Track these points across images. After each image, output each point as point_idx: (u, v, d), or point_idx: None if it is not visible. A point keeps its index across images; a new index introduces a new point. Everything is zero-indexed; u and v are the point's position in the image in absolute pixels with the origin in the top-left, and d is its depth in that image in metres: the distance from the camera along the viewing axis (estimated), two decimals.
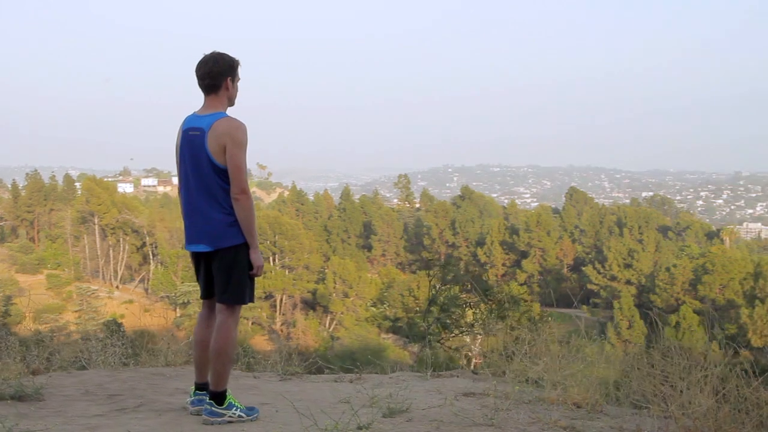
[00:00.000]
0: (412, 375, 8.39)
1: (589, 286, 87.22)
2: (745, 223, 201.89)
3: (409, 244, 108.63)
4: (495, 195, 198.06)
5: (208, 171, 5.68)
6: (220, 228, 5.72)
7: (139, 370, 8.14)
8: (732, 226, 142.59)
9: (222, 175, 5.68)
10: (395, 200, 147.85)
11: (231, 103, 5.94)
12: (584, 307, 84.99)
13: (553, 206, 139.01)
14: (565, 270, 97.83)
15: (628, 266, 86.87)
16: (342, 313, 79.10)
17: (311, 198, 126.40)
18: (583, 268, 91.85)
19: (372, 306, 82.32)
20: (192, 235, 5.86)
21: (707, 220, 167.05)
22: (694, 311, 62.92)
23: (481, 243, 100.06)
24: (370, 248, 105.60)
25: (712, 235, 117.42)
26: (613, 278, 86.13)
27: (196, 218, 5.80)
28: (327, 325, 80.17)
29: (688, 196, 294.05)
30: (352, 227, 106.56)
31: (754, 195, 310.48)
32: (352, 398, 6.71)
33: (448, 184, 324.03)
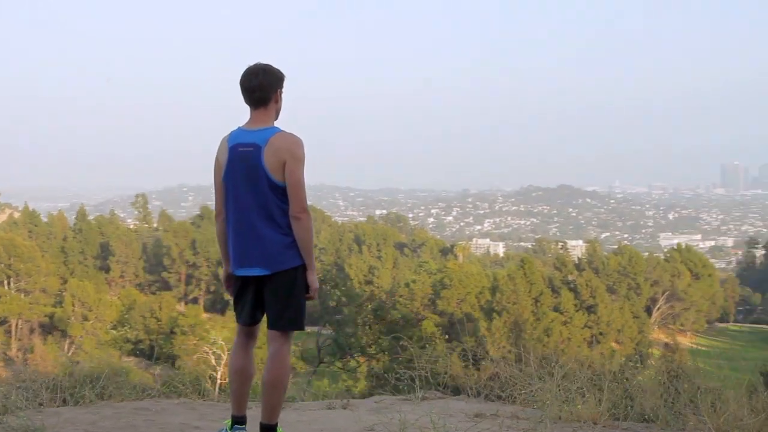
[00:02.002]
0: (396, 399, 8.15)
1: (331, 303, 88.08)
2: (474, 239, 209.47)
3: (149, 264, 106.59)
4: None
5: (264, 189, 5.39)
6: (277, 250, 5.42)
7: (116, 406, 7.55)
8: (464, 242, 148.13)
9: (278, 193, 5.41)
10: (129, 220, 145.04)
11: (276, 116, 5.67)
12: (327, 324, 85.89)
13: None
14: None
15: (369, 283, 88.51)
16: (82, 336, 76.65)
17: (44, 219, 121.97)
18: (324, 286, 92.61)
19: (112, 329, 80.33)
20: (244, 257, 5.52)
21: (439, 237, 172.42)
22: (435, 325, 64.63)
23: (221, 263, 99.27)
24: (108, 269, 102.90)
25: (446, 251, 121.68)
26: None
27: (249, 240, 5.47)
28: (66, 349, 77.55)
29: (420, 213, 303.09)
30: (89, 248, 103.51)
31: (482, 212, 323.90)
32: (377, 426, 6.52)
33: (183, 204, 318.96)
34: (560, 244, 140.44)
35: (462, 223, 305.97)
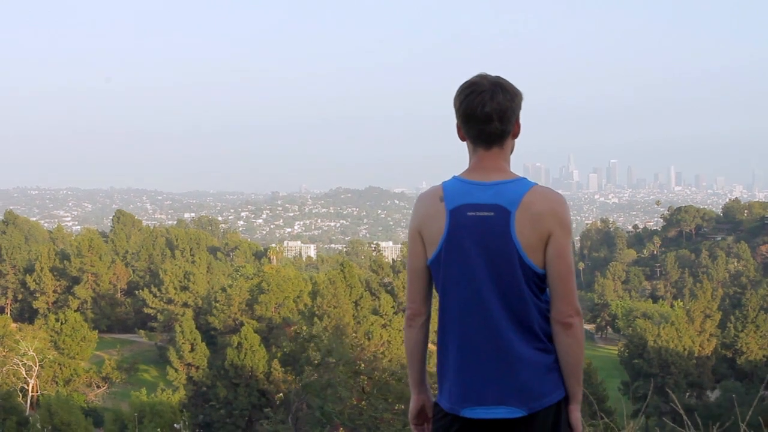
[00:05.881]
0: None
1: (145, 310, 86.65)
2: (285, 242, 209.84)
3: None
4: (34, 219, 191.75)
5: (516, 278, 3.44)
6: (538, 376, 3.48)
7: None
8: (277, 245, 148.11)
9: (534, 284, 3.48)
10: None
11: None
12: (141, 331, 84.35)
13: (98, 229, 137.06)
14: (119, 295, 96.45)
15: (184, 288, 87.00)
16: None
17: None
18: (139, 292, 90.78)
19: None
20: (482, 390, 3.50)
21: (250, 240, 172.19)
22: (255, 331, 64.26)
23: (30, 270, 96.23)
24: None
25: (260, 255, 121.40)
26: (170, 301, 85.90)
27: (492, 360, 3.48)
28: None
29: (230, 217, 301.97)
30: None
31: (291, 214, 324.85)
32: None
33: None
34: (373, 245, 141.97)
35: (272, 226, 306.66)
